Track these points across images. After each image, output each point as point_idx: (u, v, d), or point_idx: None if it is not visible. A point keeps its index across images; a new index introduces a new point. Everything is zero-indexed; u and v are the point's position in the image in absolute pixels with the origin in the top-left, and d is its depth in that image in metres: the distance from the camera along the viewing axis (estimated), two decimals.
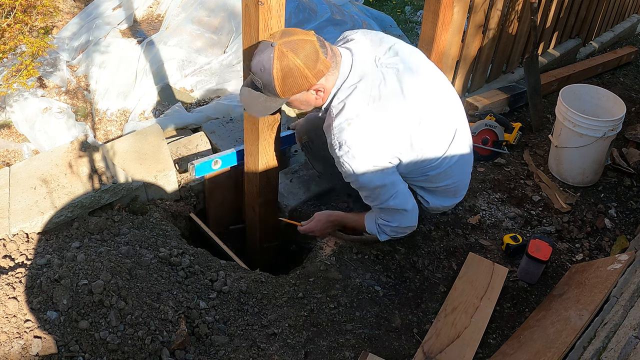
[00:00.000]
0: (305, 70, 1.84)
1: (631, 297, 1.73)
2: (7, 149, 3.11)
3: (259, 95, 1.93)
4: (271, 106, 1.96)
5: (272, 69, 1.82)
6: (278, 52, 1.80)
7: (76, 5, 4.18)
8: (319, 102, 1.99)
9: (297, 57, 1.81)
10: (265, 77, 1.85)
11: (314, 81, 1.88)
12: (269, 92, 1.90)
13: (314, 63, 1.85)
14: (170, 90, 3.59)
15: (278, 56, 1.80)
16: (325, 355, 2.00)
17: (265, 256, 2.69)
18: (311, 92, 1.93)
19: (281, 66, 1.81)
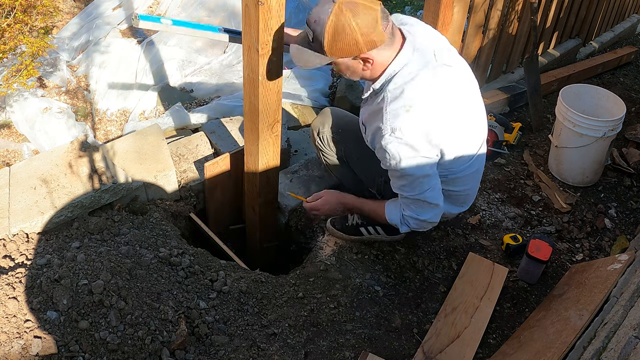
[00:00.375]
0: (358, 35, 1.77)
1: (631, 297, 1.73)
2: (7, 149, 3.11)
3: (308, 48, 1.86)
4: (315, 61, 1.87)
5: (326, 22, 1.76)
6: (337, 8, 1.74)
7: (76, 5, 4.18)
8: (366, 74, 1.92)
9: (355, 19, 1.75)
10: (318, 30, 1.78)
11: (365, 49, 1.81)
12: (317, 46, 1.82)
13: (370, 31, 1.78)
14: (171, 90, 3.59)
15: (336, 12, 1.74)
16: (325, 355, 2.00)
17: (265, 256, 2.69)
18: (359, 60, 1.86)
19: (335, 23, 1.75)
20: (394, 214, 2.12)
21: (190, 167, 2.67)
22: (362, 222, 2.42)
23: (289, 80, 3.75)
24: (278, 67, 2.00)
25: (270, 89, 2.04)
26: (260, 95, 2.02)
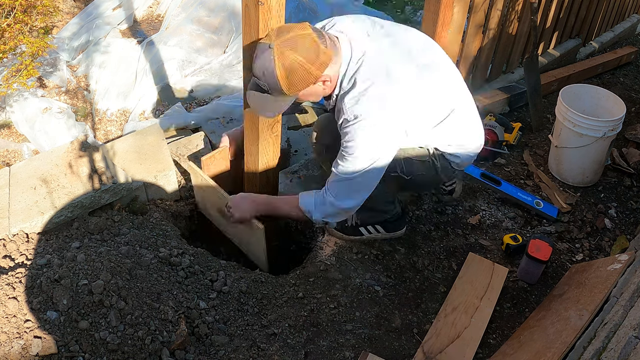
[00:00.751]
0: (308, 64, 1.82)
1: (631, 297, 1.73)
2: (7, 149, 3.11)
3: (267, 97, 1.91)
4: (281, 105, 1.93)
5: (274, 70, 1.80)
6: (277, 52, 1.78)
7: (76, 5, 4.18)
8: (327, 91, 1.98)
9: (297, 53, 1.80)
10: (269, 80, 1.83)
11: (319, 73, 1.86)
12: (275, 92, 1.88)
13: (316, 56, 1.83)
14: (170, 90, 3.59)
15: (278, 57, 1.78)
16: (325, 355, 2.00)
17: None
18: (318, 84, 1.91)
19: (283, 66, 1.80)
20: (309, 200, 2.13)
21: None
22: (361, 222, 2.42)
23: None
24: None
25: None
26: None
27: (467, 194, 2.81)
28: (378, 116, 1.90)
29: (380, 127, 1.92)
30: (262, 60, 1.82)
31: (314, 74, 1.85)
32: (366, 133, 1.91)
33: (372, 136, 1.92)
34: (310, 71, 1.84)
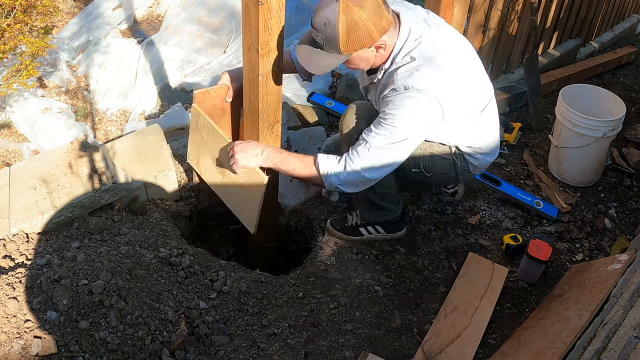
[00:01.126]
0: (370, 24, 1.79)
1: (631, 297, 1.73)
2: (7, 149, 3.11)
3: (319, 52, 1.87)
4: (330, 63, 1.89)
5: (337, 23, 1.77)
6: (343, 5, 1.75)
7: (76, 5, 4.18)
8: (377, 60, 1.95)
9: (363, 11, 1.77)
10: (329, 32, 1.79)
11: (377, 37, 1.84)
12: (330, 47, 1.83)
13: (379, 18, 1.81)
14: (170, 90, 3.59)
15: (343, 10, 1.75)
16: (325, 355, 2.00)
17: (265, 256, 2.69)
18: (372, 49, 1.89)
19: (346, 20, 1.76)
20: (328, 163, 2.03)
21: (191, 167, 2.67)
22: (361, 222, 2.42)
23: (289, 80, 3.75)
24: (278, 67, 2.00)
25: (270, 89, 2.04)
26: (260, 95, 2.02)
27: (467, 194, 2.81)
28: (427, 92, 1.89)
29: (426, 103, 1.91)
30: (326, 11, 1.78)
31: (374, 35, 1.82)
32: (412, 105, 1.90)
33: (417, 110, 1.91)
34: (371, 32, 1.81)
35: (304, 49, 1.91)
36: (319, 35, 1.83)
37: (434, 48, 1.94)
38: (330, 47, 1.83)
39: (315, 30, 1.84)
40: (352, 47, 1.83)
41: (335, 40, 1.80)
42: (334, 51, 1.84)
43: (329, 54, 1.86)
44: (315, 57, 1.88)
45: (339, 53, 1.84)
